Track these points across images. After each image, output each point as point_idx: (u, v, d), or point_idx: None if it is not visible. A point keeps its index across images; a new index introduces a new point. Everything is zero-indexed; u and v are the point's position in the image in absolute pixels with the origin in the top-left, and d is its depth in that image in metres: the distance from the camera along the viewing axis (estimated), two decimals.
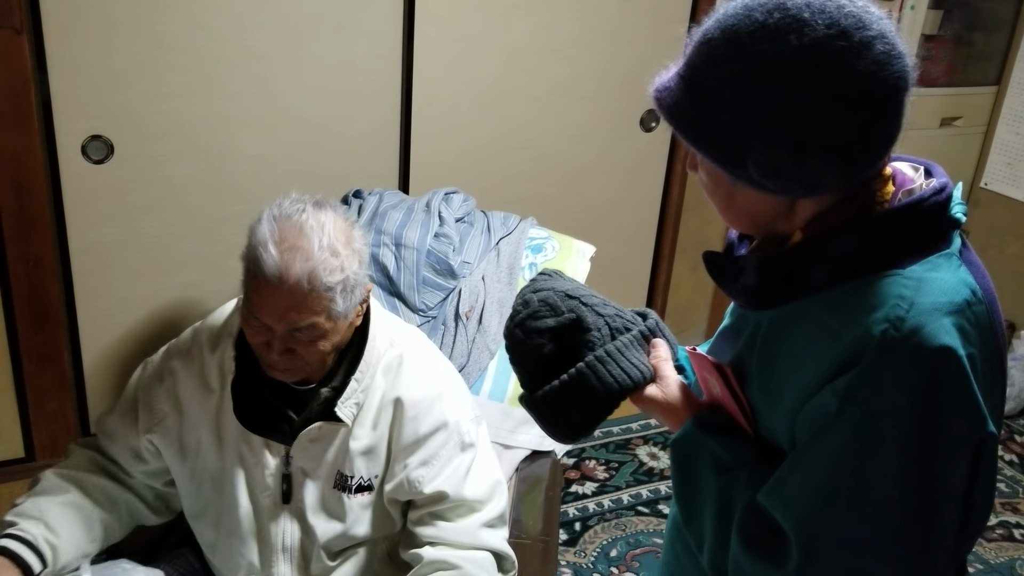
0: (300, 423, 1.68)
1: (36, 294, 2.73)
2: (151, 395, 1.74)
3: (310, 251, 1.53)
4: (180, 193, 2.81)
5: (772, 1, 1.04)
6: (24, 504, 1.65)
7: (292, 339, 1.58)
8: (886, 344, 1.01)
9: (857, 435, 1.03)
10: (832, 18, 1.01)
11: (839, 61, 1.01)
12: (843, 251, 1.08)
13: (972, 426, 1.04)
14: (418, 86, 3.01)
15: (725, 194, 1.14)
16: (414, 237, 2.23)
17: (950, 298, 1.04)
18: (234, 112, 2.79)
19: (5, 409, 2.84)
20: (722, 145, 1.07)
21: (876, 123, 1.05)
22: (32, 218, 2.64)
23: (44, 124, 2.60)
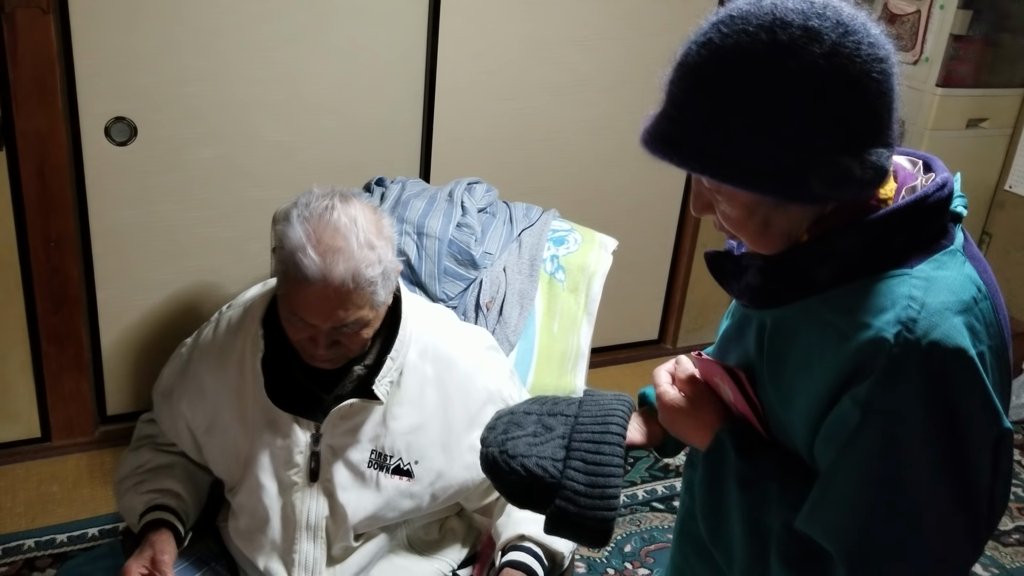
0: (332, 400, 1.69)
1: (56, 275, 2.73)
2: (183, 381, 1.77)
3: (350, 251, 1.53)
4: (201, 177, 2.81)
5: (767, 19, 1.01)
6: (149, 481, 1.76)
7: (337, 333, 1.60)
8: (901, 347, 1.01)
9: (885, 445, 1.02)
10: (829, 17, 1.02)
11: (860, 55, 1.01)
12: (848, 250, 1.07)
13: (990, 423, 1.03)
14: (442, 74, 2.99)
15: (762, 221, 1.10)
16: (436, 226, 2.22)
17: (959, 297, 1.04)
18: (257, 97, 2.78)
19: (22, 389, 2.85)
20: (770, 174, 1.02)
21: (893, 99, 1.06)
22: (54, 198, 2.64)
23: (68, 105, 2.60)
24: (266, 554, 1.72)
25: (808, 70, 1.00)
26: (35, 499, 2.76)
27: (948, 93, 3.57)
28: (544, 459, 1.33)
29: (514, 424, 1.39)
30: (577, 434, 1.35)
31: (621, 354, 3.77)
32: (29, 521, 2.66)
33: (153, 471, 1.78)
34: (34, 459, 2.90)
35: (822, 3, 1.03)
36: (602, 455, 1.32)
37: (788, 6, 1.02)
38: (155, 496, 1.73)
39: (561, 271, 2.32)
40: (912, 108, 3.65)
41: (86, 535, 2.63)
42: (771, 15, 1.01)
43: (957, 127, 3.67)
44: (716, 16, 1.07)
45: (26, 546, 2.56)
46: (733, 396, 1.22)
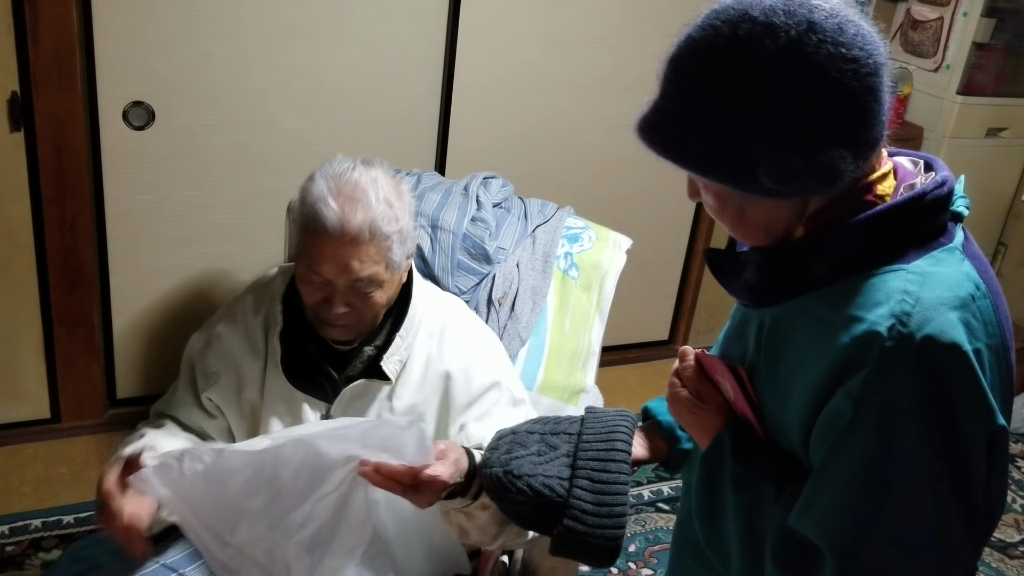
0: (343, 381, 1.71)
1: (70, 257, 2.74)
2: (204, 360, 1.78)
3: (368, 202, 1.58)
4: (217, 164, 2.81)
5: (735, 13, 1.03)
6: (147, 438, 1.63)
7: (351, 292, 1.62)
8: (894, 340, 1.01)
9: (877, 439, 1.03)
10: (798, 15, 1.01)
11: (820, 54, 1.00)
12: (844, 245, 1.08)
13: (983, 419, 1.03)
14: (460, 69, 2.99)
15: (735, 211, 1.13)
16: (451, 220, 2.21)
17: (955, 292, 1.04)
18: (275, 86, 2.79)
19: (34, 369, 2.86)
20: (728, 165, 1.05)
21: (870, 102, 1.04)
22: (70, 181, 2.65)
23: (87, 88, 2.60)
24: None
25: (762, 65, 1.01)
26: (43, 480, 2.77)
27: (968, 101, 3.55)
28: (550, 478, 1.32)
29: (517, 444, 1.39)
30: (582, 452, 1.35)
31: (631, 353, 3.76)
32: (36, 501, 2.67)
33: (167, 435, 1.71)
34: (43, 440, 2.91)
35: (801, 1, 1.03)
36: (608, 472, 1.32)
37: (766, 3, 1.03)
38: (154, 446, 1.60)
39: (575, 268, 2.31)
40: (931, 115, 3.63)
41: (92, 517, 2.64)
42: (743, 11, 1.03)
43: (976, 136, 3.65)
44: (708, 9, 1.10)
45: (33, 526, 2.58)
46: (733, 394, 1.23)
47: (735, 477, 1.18)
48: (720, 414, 1.25)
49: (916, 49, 3.66)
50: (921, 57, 3.65)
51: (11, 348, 2.80)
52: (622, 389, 3.49)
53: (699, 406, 1.27)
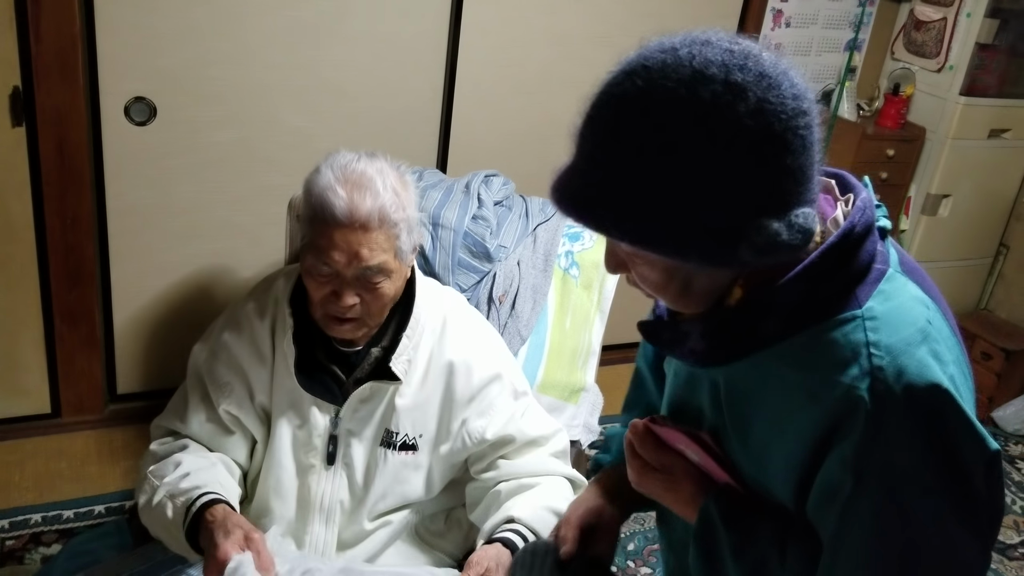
0: (351, 384, 1.71)
1: (71, 253, 2.74)
2: (213, 372, 1.74)
3: (376, 190, 1.59)
4: (219, 160, 2.81)
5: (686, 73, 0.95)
6: (193, 475, 1.62)
7: (360, 283, 1.61)
8: (876, 400, 0.98)
9: (888, 504, 1.00)
10: (753, 70, 0.95)
11: (786, 110, 0.95)
12: (790, 301, 1.03)
13: (980, 450, 1.01)
14: (462, 66, 2.99)
15: (682, 284, 1.05)
16: (452, 218, 2.21)
17: (914, 326, 1.02)
18: (277, 82, 2.78)
19: (34, 365, 2.86)
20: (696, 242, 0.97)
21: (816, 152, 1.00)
22: (72, 176, 2.65)
23: (89, 83, 2.60)
24: (279, 536, 1.73)
25: (733, 130, 0.93)
26: (43, 474, 2.77)
27: (971, 102, 3.55)
28: None
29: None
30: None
31: (632, 353, 3.75)
32: (37, 496, 2.68)
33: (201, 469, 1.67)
34: (43, 435, 2.91)
35: (742, 52, 0.97)
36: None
37: (708, 57, 0.95)
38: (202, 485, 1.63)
39: (575, 267, 2.31)
40: (934, 116, 3.63)
41: (93, 512, 2.64)
42: (690, 68, 0.95)
43: (979, 137, 3.65)
44: (629, 64, 1.00)
45: (33, 520, 2.58)
46: (700, 458, 1.19)
47: (732, 547, 1.14)
48: (694, 482, 1.19)
49: (919, 50, 3.66)
50: (924, 58, 3.65)
51: (12, 343, 2.80)
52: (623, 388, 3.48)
53: (670, 479, 1.21)
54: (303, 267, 1.65)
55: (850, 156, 3.54)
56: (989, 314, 4.02)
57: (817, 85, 3.68)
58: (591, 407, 2.33)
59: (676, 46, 0.98)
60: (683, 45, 0.98)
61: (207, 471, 1.65)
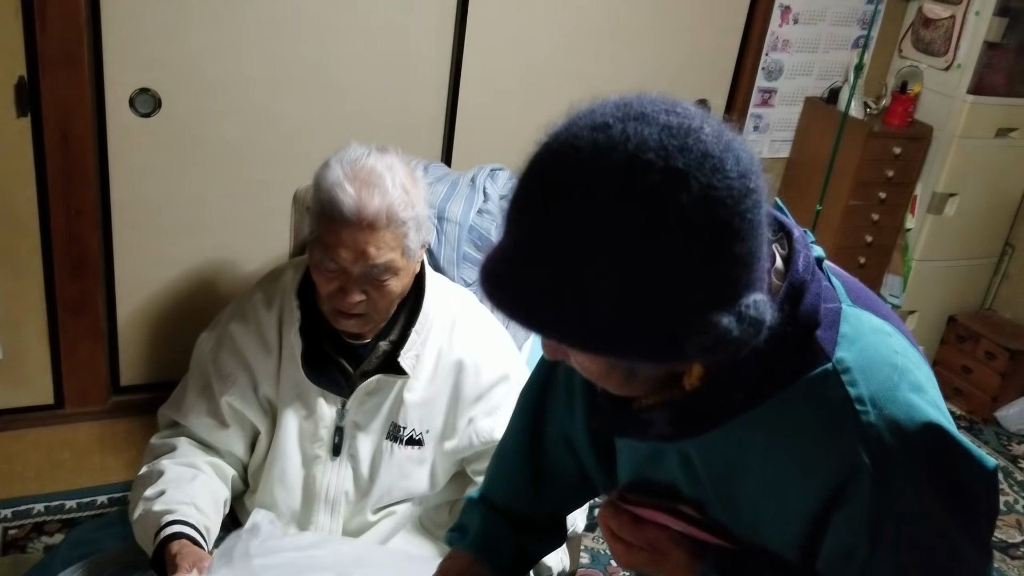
0: (358, 376, 1.71)
1: (75, 244, 2.74)
2: (218, 362, 1.75)
3: (385, 187, 1.58)
4: (223, 153, 2.81)
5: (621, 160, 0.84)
6: (168, 492, 1.63)
7: (366, 280, 1.61)
8: (877, 461, 0.95)
9: (906, 555, 0.99)
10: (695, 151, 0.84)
11: (733, 194, 0.85)
12: (756, 372, 0.97)
13: (982, 474, 1.00)
14: (468, 61, 2.98)
15: (624, 374, 0.98)
16: (457, 212, 2.21)
17: (887, 364, 0.99)
18: (283, 75, 2.78)
19: (38, 356, 2.86)
20: (636, 341, 0.87)
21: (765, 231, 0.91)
22: (76, 167, 2.65)
23: (94, 74, 2.60)
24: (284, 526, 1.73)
25: (675, 224, 0.83)
26: (46, 465, 2.77)
27: (979, 101, 3.53)
28: None
29: None
30: None
31: None
32: (40, 486, 2.68)
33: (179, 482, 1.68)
34: (47, 425, 2.91)
35: (682, 129, 0.85)
36: None
37: (644, 137, 0.84)
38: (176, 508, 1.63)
39: None
40: (941, 115, 3.61)
41: (95, 502, 2.64)
42: (625, 153, 0.84)
43: (986, 136, 3.63)
44: (558, 142, 0.89)
45: (35, 510, 2.58)
46: (683, 527, 1.14)
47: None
48: (684, 551, 1.13)
49: (927, 48, 3.65)
50: (932, 56, 3.63)
51: (16, 333, 2.80)
52: None
53: (659, 554, 1.15)
54: (311, 261, 1.65)
55: (856, 154, 3.53)
56: (993, 314, 4.01)
57: (824, 83, 3.67)
58: None
59: (609, 122, 0.86)
60: (616, 120, 0.86)
61: (185, 486, 1.64)
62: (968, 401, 3.81)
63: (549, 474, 1.39)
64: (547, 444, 1.38)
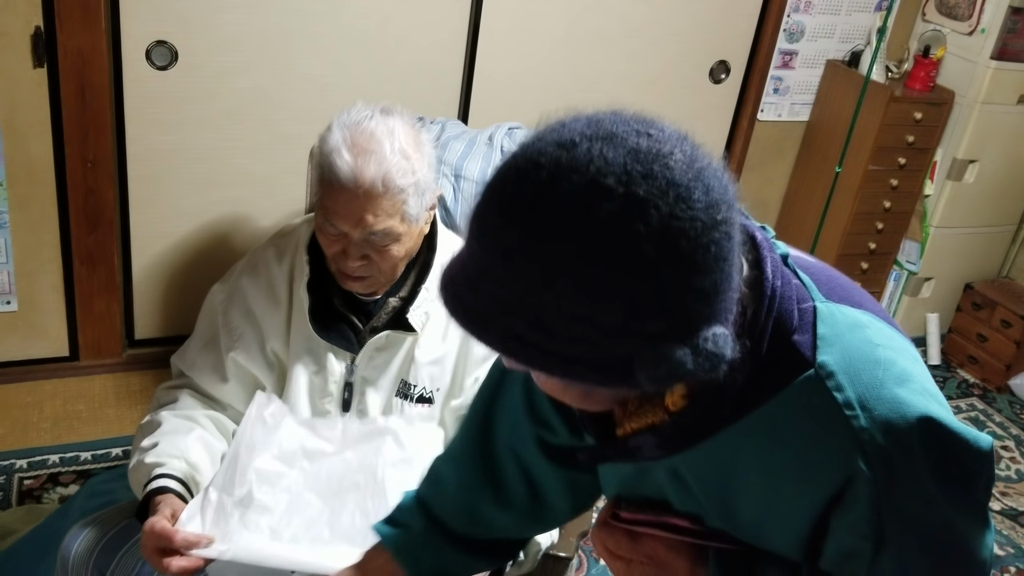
0: (368, 332, 1.71)
1: (91, 196, 2.74)
2: (228, 315, 1.75)
3: (383, 154, 1.56)
4: (240, 107, 2.79)
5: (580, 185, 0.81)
6: (161, 444, 1.64)
7: (367, 245, 1.61)
8: (873, 465, 0.94)
9: (911, 552, 0.99)
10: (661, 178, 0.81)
11: (696, 226, 0.82)
12: (738, 386, 0.96)
13: (977, 456, 0.99)
14: (486, 16, 2.95)
15: (581, 392, 0.96)
16: (474, 169, 2.20)
17: (869, 360, 0.97)
18: (300, 29, 2.76)
19: (53, 308, 2.87)
20: (588, 365, 0.85)
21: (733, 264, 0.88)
22: (92, 120, 2.64)
23: (111, 26, 2.58)
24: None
25: (629, 255, 0.80)
26: (61, 416, 2.79)
27: (1002, 67, 3.48)
28: None
29: None
30: None
31: None
32: (55, 437, 2.70)
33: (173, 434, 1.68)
34: (62, 377, 2.93)
35: (649, 154, 0.82)
36: None
37: (608, 160, 0.81)
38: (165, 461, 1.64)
39: None
40: (964, 80, 3.57)
41: (110, 454, 2.66)
42: (586, 176, 0.81)
43: (1008, 102, 3.59)
44: (525, 155, 0.86)
45: (51, 461, 2.60)
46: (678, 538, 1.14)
47: None
48: (684, 557, 1.13)
49: (951, 12, 3.59)
50: (956, 20, 3.58)
51: (32, 285, 2.81)
52: None
53: (661, 567, 1.14)
54: (316, 223, 1.65)
55: (877, 119, 3.49)
56: (1011, 282, 3.98)
57: (846, 46, 3.62)
58: None
59: (575, 140, 0.83)
60: (584, 139, 0.83)
61: (179, 439, 1.64)
62: (982, 369, 3.80)
63: (494, 492, 1.33)
64: (495, 459, 1.32)
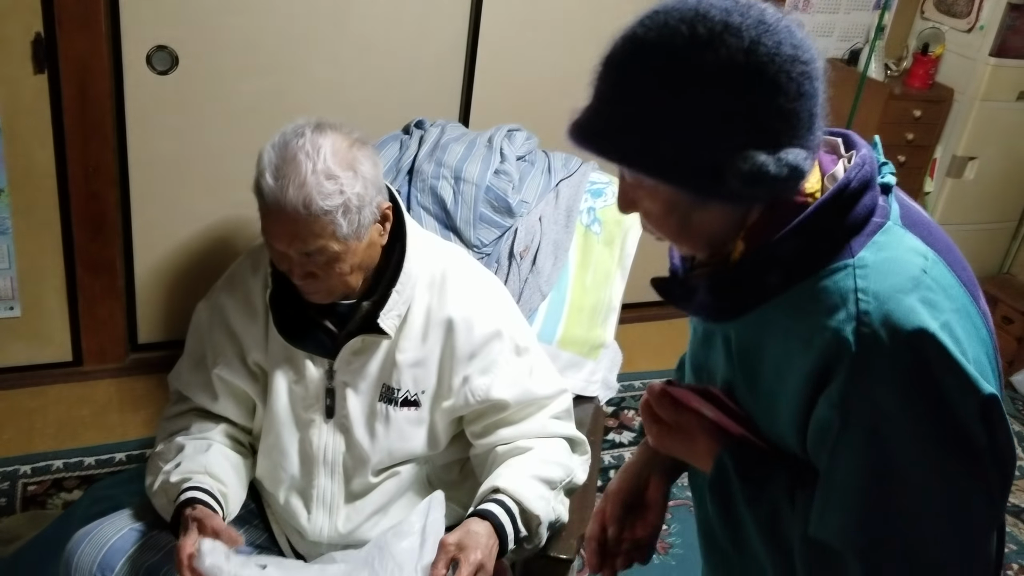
0: (343, 336, 1.71)
1: (93, 201, 2.75)
2: (211, 332, 1.77)
3: (302, 178, 1.53)
4: (240, 110, 2.80)
5: (689, 13, 1.02)
6: (183, 464, 1.68)
7: (308, 262, 1.59)
8: (861, 343, 1.01)
9: (870, 442, 1.03)
10: (751, 16, 1.01)
11: (781, 55, 1.01)
12: (788, 254, 1.08)
13: (969, 394, 1.02)
14: (487, 17, 2.96)
15: (680, 219, 1.10)
16: (474, 172, 2.21)
17: (906, 274, 1.04)
18: (301, 32, 2.76)
19: (57, 313, 2.88)
20: (689, 168, 1.03)
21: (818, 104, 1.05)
22: (94, 125, 2.65)
23: (112, 31, 2.59)
24: (286, 490, 1.75)
25: (725, 66, 1.00)
26: (65, 421, 2.80)
27: (1001, 63, 3.49)
28: None
29: None
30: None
31: (651, 311, 3.75)
32: (59, 442, 2.71)
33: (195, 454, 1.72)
34: (66, 382, 2.94)
35: (749, 4, 1.02)
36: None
37: (712, 1, 1.02)
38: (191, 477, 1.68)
39: (597, 223, 2.30)
40: (963, 77, 3.57)
41: (113, 459, 2.67)
42: (693, 10, 1.01)
43: (1008, 99, 3.60)
44: (642, 11, 1.06)
45: (55, 466, 2.61)
46: (715, 415, 1.21)
47: (746, 496, 1.17)
48: (710, 436, 1.22)
49: (950, 9, 3.60)
50: (955, 17, 3.58)
51: (35, 290, 2.82)
52: (643, 347, 3.49)
53: (687, 436, 1.24)
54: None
55: (876, 116, 3.49)
56: (1012, 278, 3.99)
57: (845, 44, 3.62)
58: (610, 363, 2.33)
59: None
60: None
61: (200, 456, 1.69)
62: None
63: None
64: None
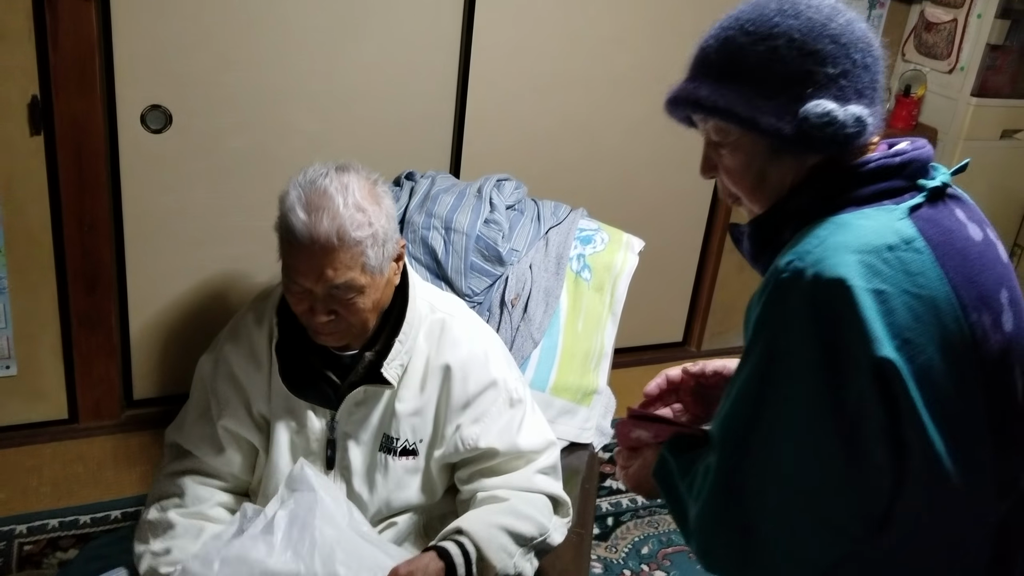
0: (345, 388, 1.72)
1: (89, 258, 2.77)
2: (215, 384, 1.78)
3: (335, 209, 1.59)
4: (235, 166, 2.83)
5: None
6: (174, 552, 1.67)
7: (333, 300, 1.62)
8: (789, 273, 1.10)
9: (766, 356, 1.12)
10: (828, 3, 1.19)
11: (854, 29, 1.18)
12: (798, 207, 1.19)
13: (863, 348, 1.06)
14: (475, 68, 3.00)
15: (756, 173, 1.22)
16: (464, 222, 2.23)
17: (867, 240, 1.11)
18: (292, 87, 2.81)
19: (52, 370, 2.89)
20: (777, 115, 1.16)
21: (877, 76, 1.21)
22: (89, 183, 2.68)
23: (106, 91, 2.63)
24: None
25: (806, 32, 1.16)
26: (61, 479, 2.79)
27: (983, 103, 3.54)
28: None
29: None
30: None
31: (645, 355, 3.77)
32: (54, 501, 2.70)
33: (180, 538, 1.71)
34: (61, 440, 2.94)
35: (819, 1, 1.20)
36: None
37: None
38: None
39: (587, 270, 2.33)
40: (946, 117, 3.62)
41: (109, 517, 2.66)
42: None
43: (991, 137, 3.64)
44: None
45: (50, 525, 2.60)
46: (653, 433, 1.36)
47: (680, 470, 1.26)
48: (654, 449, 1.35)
49: (930, 51, 3.66)
50: (935, 59, 3.64)
51: (30, 348, 2.83)
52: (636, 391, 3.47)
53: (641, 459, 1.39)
54: (283, 285, 1.68)
55: None
56: None
57: None
58: (604, 410, 2.34)
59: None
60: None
61: (191, 544, 1.68)
62: None
63: None
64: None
